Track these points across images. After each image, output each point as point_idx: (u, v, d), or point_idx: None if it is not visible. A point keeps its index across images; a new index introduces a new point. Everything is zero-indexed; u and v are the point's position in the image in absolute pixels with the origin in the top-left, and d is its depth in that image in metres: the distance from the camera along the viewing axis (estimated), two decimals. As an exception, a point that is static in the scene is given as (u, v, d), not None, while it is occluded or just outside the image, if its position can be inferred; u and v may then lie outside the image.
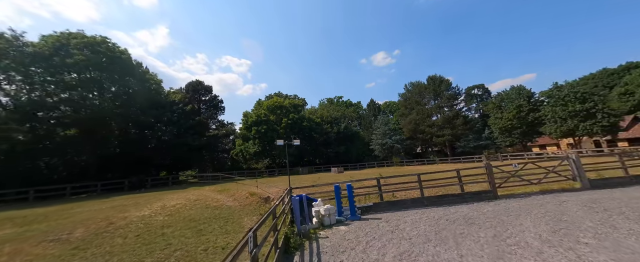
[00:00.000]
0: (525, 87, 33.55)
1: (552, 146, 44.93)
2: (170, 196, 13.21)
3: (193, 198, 11.73)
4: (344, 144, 41.93)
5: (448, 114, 40.19)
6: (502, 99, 35.57)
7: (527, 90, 32.99)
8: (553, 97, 29.13)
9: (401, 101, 49.59)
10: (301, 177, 19.57)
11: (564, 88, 28.54)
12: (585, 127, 26.12)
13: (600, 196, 7.36)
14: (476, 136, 37.30)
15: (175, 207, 9.96)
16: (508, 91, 35.20)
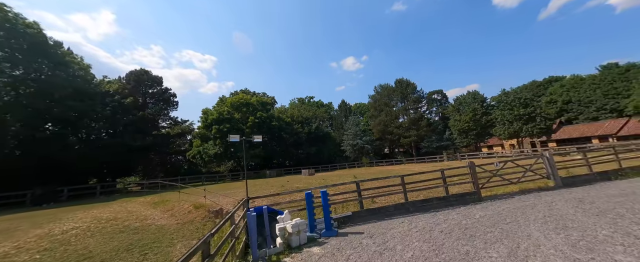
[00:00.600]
0: (479, 92, 36.95)
1: (498, 147, 50.82)
2: (77, 214, 9.82)
3: (108, 217, 8.68)
4: (316, 145, 40.60)
5: (414, 116, 42.14)
6: (460, 102, 38.63)
7: (481, 96, 36.37)
8: (502, 102, 32.55)
9: (371, 103, 50.60)
10: (268, 182, 17.40)
11: (510, 94, 32.12)
12: (527, 129, 29.65)
13: (580, 194, 7.19)
14: (438, 136, 39.77)
15: (68, 233, 6.95)
16: (465, 96, 38.38)
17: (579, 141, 37.31)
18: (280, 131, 35.86)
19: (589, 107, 44.06)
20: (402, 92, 43.91)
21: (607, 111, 41.22)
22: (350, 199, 8.03)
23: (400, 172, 18.34)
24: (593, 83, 45.49)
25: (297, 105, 50.94)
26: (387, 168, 27.27)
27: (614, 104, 39.33)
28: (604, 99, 41.98)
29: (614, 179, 8.64)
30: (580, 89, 46.74)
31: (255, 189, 13.05)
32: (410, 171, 19.19)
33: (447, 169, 8.50)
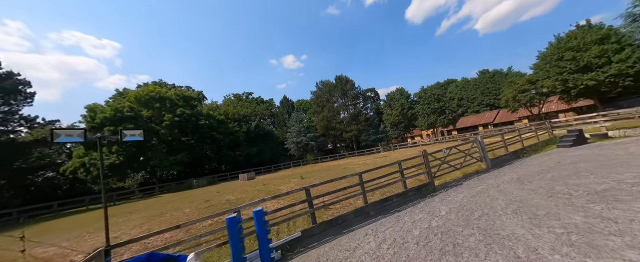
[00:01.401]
0: (405, 89, 41.99)
1: (418, 137, 60.10)
2: None
3: None
4: (256, 145, 36.68)
5: (353, 112, 44.18)
6: (391, 98, 42.95)
7: (406, 92, 41.42)
8: (422, 97, 37.98)
9: (313, 99, 50.17)
10: (191, 196, 13.35)
11: (427, 91, 37.83)
12: (440, 120, 35.59)
13: (512, 173, 7.65)
14: (375, 130, 43.07)
15: None
16: (394, 92, 42.92)
17: (470, 129, 48.08)
18: (211, 130, 30.26)
19: (473, 103, 57.64)
20: (342, 89, 45.29)
21: (484, 105, 55.05)
22: (300, 213, 6.10)
23: (346, 167, 17.88)
24: (474, 84, 59.83)
25: (233, 102, 44.99)
26: (332, 164, 26.95)
27: (489, 100, 52.62)
28: (482, 96, 55.77)
29: (523, 157, 10.07)
30: (467, 89, 60.64)
31: (158, 212, 9.29)
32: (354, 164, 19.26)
33: (404, 161, 7.74)
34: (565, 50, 23.86)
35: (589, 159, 7.60)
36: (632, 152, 7.41)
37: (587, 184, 5.34)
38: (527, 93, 27.89)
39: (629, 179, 5.16)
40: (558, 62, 24.39)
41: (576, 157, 8.22)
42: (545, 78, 26.04)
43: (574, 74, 23.25)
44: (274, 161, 40.30)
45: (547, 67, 25.62)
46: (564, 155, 8.93)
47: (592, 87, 22.61)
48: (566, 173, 6.55)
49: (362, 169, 14.02)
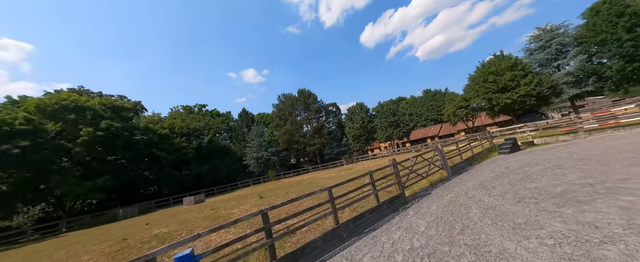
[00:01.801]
0: (365, 104, 44.35)
1: (377, 149, 63.55)
2: None
3: None
4: (209, 162, 32.44)
5: (316, 125, 44.07)
6: (352, 112, 44.61)
7: (366, 107, 43.71)
8: (379, 112, 40.56)
9: (275, 112, 48.46)
10: (108, 231, 9.93)
11: (384, 105, 40.70)
12: (396, 133, 38.24)
13: (473, 180, 7.82)
14: (337, 143, 43.55)
15: None
16: (355, 106, 44.85)
17: (420, 141, 53.26)
18: (150, 146, 25.44)
19: (421, 118, 64.89)
20: (305, 102, 45.12)
21: (430, 120, 62.41)
22: (255, 245, 4.67)
23: (311, 182, 16.76)
24: (421, 102, 67.95)
25: (182, 115, 39.66)
26: (296, 179, 25.40)
27: (434, 115, 59.86)
28: (428, 112, 63.34)
29: (475, 164, 10.78)
30: (416, 105, 68.26)
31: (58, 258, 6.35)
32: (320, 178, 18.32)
33: (375, 171, 7.14)
34: (488, 74, 28.91)
35: (531, 163, 8.37)
36: (560, 156, 8.46)
37: (544, 187, 5.53)
38: (464, 109, 32.43)
39: (576, 180, 5.53)
40: (484, 84, 29.30)
41: (519, 162, 9.04)
42: (476, 97, 30.86)
43: (495, 93, 28.15)
44: (230, 180, 36.18)
45: (476, 88, 30.50)
46: (508, 161, 9.81)
47: (508, 105, 27.58)
48: (520, 177, 6.89)
49: (329, 183, 13.13)
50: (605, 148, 8.08)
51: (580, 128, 10.70)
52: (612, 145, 8.27)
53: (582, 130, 10.64)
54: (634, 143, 7.85)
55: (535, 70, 27.93)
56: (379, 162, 23.64)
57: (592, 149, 8.27)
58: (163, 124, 30.78)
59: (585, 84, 24.72)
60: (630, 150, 7.12)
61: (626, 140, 8.58)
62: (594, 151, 7.91)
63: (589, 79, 24.47)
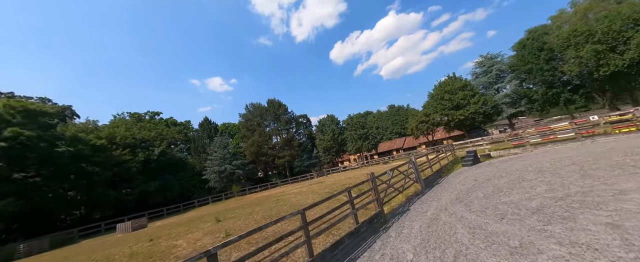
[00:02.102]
0: (335, 116, 44.87)
1: (347, 161, 64.31)
2: None
3: None
4: (160, 178, 27.99)
5: (286, 137, 42.59)
6: (323, 124, 44.55)
7: (336, 119, 44.20)
8: (349, 124, 41.37)
9: (242, 123, 45.54)
10: None
11: (354, 118, 41.74)
12: (366, 145, 39.19)
13: (449, 194, 7.67)
14: (308, 155, 42.52)
15: None
16: (325, 118, 45.00)
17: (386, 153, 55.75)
18: (78, 160, 20.73)
19: (387, 131, 68.72)
20: (275, 113, 43.56)
21: (395, 133, 66.39)
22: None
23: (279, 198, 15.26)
24: (386, 116, 72.38)
25: (127, 123, 34.07)
26: (263, 195, 23.31)
27: (398, 129, 63.83)
28: (393, 126, 67.47)
29: (444, 176, 10.98)
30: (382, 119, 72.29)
31: None
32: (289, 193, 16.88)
33: (353, 187, 6.40)
34: (444, 93, 32.11)
35: (495, 176, 8.70)
36: (518, 168, 9.01)
37: (519, 202, 5.48)
38: (425, 123, 35.08)
39: (544, 193, 5.62)
40: (441, 101, 32.36)
41: (484, 174, 9.38)
42: (435, 112, 33.79)
43: (451, 110, 31.25)
44: (185, 198, 31.77)
45: (435, 104, 33.51)
46: (473, 173, 10.17)
47: (462, 121, 30.75)
48: (491, 191, 6.92)
49: (298, 199, 11.97)
50: (552, 161, 8.87)
51: (527, 142, 11.90)
52: (557, 158, 9.17)
53: (529, 144, 11.85)
54: (573, 156, 8.80)
55: (481, 91, 32.02)
56: (349, 174, 23.34)
57: (542, 162, 9.01)
58: (99, 133, 25.72)
59: (519, 104, 29.16)
60: (574, 162, 7.86)
61: (566, 153, 9.67)
62: (545, 164, 8.59)
63: (521, 100, 28.95)
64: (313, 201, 10.50)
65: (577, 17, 25.43)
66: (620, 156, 7.29)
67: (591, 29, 21.87)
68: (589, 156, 8.27)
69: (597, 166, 6.87)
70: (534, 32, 28.36)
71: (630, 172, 5.70)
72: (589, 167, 6.92)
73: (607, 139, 9.72)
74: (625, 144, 8.51)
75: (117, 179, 24.24)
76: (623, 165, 6.31)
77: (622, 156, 7.15)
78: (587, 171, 6.58)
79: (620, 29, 20.32)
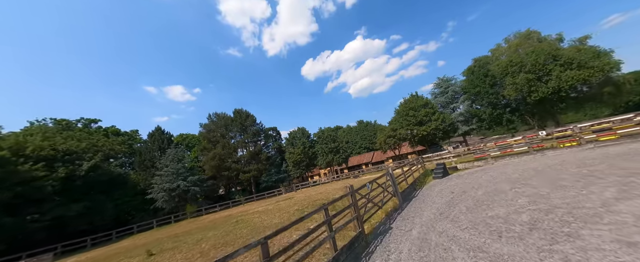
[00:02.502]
0: (306, 129, 43.96)
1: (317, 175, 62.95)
2: None
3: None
4: (86, 199, 22.49)
5: (253, 150, 39.71)
6: (293, 137, 43.06)
7: (307, 132, 43.28)
8: (320, 137, 40.77)
9: (203, 133, 41.18)
10: None
11: (325, 131, 41.38)
12: (336, 159, 38.73)
13: (430, 208, 7.11)
14: (277, 169, 40.05)
15: None
16: (296, 131, 43.72)
17: (356, 167, 56.35)
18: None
19: (356, 145, 70.35)
20: (242, 124, 40.63)
21: (363, 148, 68.23)
22: None
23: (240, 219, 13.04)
24: (356, 131, 74.57)
25: (48, 130, 27.38)
26: (222, 215, 20.24)
27: (367, 144, 65.75)
28: (362, 140, 69.47)
29: (418, 189, 10.64)
30: (351, 134, 74.10)
31: None
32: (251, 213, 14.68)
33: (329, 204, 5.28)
34: (409, 109, 34.24)
35: (470, 188, 8.57)
36: (488, 180, 9.10)
37: (508, 216, 5.07)
38: (392, 138, 36.53)
39: (530, 206, 5.34)
40: (406, 117, 34.34)
41: (458, 186, 9.24)
42: (400, 128, 35.56)
43: (415, 126, 33.25)
44: (122, 222, 26.16)
45: (401, 120, 35.40)
46: (447, 185, 10.03)
47: (424, 136, 32.81)
48: (472, 204, 6.56)
49: (263, 219, 10.26)
50: (516, 172, 9.20)
51: (489, 155, 12.56)
52: (519, 169, 9.60)
53: (490, 157, 12.51)
54: (533, 168, 9.29)
55: (439, 110, 35.07)
56: (320, 189, 22.09)
57: (508, 173, 9.29)
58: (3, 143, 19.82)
59: (471, 123, 32.57)
60: (538, 174, 8.15)
61: (524, 165, 10.26)
62: (511, 175, 8.81)
63: (473, 119, 32.42)
64: (280, 220, 8.98)
65: (510, 50, 30.31)
66: (575, 167, 7.77)
67: (523, 61, 26.06)
68: (546, 167, 8.76)
69: (560, 176, 7.11)
70: (479, 60, 32.85)
71: (596, 182, 5.83)
72: (554, 177, 7.11)
73: (554, 152, 10.70)
74: (573, 156, 9.36)
75: (20, 201, 18.52)
76: (585, 175, 6.57)
77: (577, 167, 7.61)
78: (555, 181, 6.70)
79: (544, 62, 24.60)
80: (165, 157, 30.20)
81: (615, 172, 6.28)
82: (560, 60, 23.98)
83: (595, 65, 22.32)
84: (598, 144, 9.79)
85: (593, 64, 22.43)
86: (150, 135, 36.42)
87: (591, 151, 9.55)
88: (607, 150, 9.00)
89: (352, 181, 24.61)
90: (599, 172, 6.54)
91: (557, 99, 25.00)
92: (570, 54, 24.13)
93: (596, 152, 9.08)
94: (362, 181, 22.60)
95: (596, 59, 22.76)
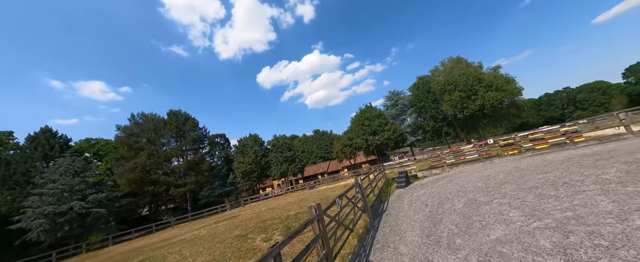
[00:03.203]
0: (259, 136, 40.08)
1: (269, 187, 58.33)
2: None
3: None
4: None
5: (193, 159, 33.38)
6: (243, 144, 38.46)
7: (260, 139, 39.45)
8: (275, 145, 37.64)
9: (122, 139, 32.43)
10: None
11: (280, 139, 38.50)
12: (292, 168, 36.14)
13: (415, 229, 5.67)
14: (222, 181, 34.59)
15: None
16: (247, 138, 39.32)
17: (312, 177, 54.65)
18: None
19: (312, 155, 69.19)
20: (178, 128, 33.92)
21: (319, 157, 67.54)
22: None
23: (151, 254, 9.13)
24: (312, 140, 73.72)
25: None
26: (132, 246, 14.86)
27: (323, 153, 65.29)
28: (318, 150, 68.82)
29: (385, 201, 9.43)
30: (307, 143, 72.86)
31: None
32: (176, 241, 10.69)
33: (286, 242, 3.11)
34: (364, 119, 35.12)
35: (444, 198, 7.73)
36: (456, 189, 8.53)
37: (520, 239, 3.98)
38: (348, 147, 36.59)
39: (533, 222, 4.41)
40: (362, 126, 35.06)
41: (428, 197, 8.37)
42: (356, 137, 36.03)
43: (370, 135, 34.16)
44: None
45: (357, 129, 35.95)
46: (415, 195, 9.13)
47: (378, 146, 33.93)
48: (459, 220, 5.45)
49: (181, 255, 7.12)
50: (480, 179, 8.96)
51: (445, 163, 12.63)
52: (479, 177, 9.50)
53: (446, 164, 12.59)
54: (494, 175, 9.26)
55: (391, 121, 37.29)
56: (273, 203, 19.18)
57: (472, 181, 8.99)
58: None
59: (417, 134, 35.56)
60: (504, 181, 7.93)
61: (482, 172, 10.34)
62: (477, 183, 8.46)
63: (418, 131, 35.46)
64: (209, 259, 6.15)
65: (446, 72, 34.88)
66: (536, 173, 7.78)
67: (457, 81, 30.04)
68: (507, 173, 8.77)
69: (528, 183, 6.83)
70: (423, 78, 36.83)
71: (576, 190, 5.47)
72: (524, 185, 6.78)
73: (501, 160, 11.32)
74: (523, 163, 9.81)
75: None
76: (554, 182, 6.35)
77: (542, 173, 7.58)
78: (531, 189, 6.28)
79: (472, 83, 28.84)
80: (50, 169, 21.78)
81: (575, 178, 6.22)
82: (484, 82, 28.58)
83: (507, 89, 27.34)
84: (535, 152, 10.72)
85: (506, 88, 27.44)
86: (31, 139, 26.20)
87: (531, 158, 10.28)
88: (545, 157, 9.76)
89: (307, 193, 22.55)
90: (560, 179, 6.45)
91: (482, 115, 29.48)
92: (490, 78, 29.11)
93: (537, 159, 9.73)
94: (319, 192, 20.83)
95: (507, 84, 28.01)
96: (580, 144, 9.86)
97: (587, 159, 7.79)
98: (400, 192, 10.66)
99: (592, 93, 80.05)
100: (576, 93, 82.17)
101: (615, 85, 76.55)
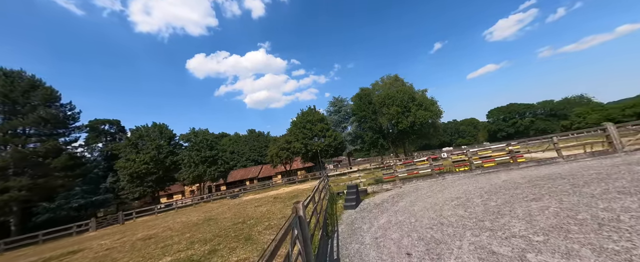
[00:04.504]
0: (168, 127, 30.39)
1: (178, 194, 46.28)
2: None
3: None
4: None
5: (37, 148, 21.02)
6: (140, 135, 27.92)
7: (169, 131, 29.93)
8: (191, 141, 29.23)
9: None
10: None
11: (199, 134, 30.31)
12: (210, 172, 28.63)
13: None
14: (90, 187, 23.30)
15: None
16: (149, 127, 29.00)
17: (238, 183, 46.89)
18: None
19: (242, 157, 60.75)
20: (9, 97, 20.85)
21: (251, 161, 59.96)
22: None
23: None
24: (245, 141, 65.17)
25: None
26: None
27: (255, 156, 58.20)
28: (250, 152, 61.08)
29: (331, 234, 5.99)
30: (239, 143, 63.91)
31: None
32: None
33: None
34: (306, 122, 32.24)
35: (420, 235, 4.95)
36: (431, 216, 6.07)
37: None
38: (285, 151, 32.56)
39: None
40: (303, 130, 31.99)
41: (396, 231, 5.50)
42: (296, 140, 32.60)
43: (310, 139, 31.44)
44: None
45: (297, 132, 32.59)
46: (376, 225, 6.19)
47: (318, 152, 31.58)
48: None
49: None
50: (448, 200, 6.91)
51: (396, 177, 10.65)
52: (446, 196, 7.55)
53: (398, 179, 10.63)
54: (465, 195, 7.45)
55: (332, 127, 36.00)
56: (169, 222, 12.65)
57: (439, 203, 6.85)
58: None
59: (356, 143, 35.49)
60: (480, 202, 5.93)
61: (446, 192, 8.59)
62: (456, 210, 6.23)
63: (358, 140, 35.47)
64: None
65: (385, 87, 36.81)
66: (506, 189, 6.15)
67: (395, 96, 31.63)
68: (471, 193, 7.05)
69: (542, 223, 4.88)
70: (365, 90, 37.75)
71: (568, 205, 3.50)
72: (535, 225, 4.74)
73: (453, 176, 10.18)
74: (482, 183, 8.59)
75: None
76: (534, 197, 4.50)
77: (512, 190, 5.94)
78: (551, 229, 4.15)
79: (407, 100, 30.88)
80: None
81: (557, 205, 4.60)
82: (416, 101, 31.14)
83: (433, 110, 30.60)
84: (484, 170, 10.04)
85: (432, 108, 30.67)
86: None
87: (483, 176, 9.39)
88: (499, 176, 8.92)
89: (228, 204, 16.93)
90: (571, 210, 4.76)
91: (411, 131, 31.90)
92: (420, 98, 32.10)
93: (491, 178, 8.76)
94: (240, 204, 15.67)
95: (433, 105, 31.48)
96: (522, 165, 9.66)
97: (558, 181, 6.88)
98: (352, 217, 7.58)
99: (469, 126, 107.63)
100: (459, 125, 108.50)
101: (481, 122, 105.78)
